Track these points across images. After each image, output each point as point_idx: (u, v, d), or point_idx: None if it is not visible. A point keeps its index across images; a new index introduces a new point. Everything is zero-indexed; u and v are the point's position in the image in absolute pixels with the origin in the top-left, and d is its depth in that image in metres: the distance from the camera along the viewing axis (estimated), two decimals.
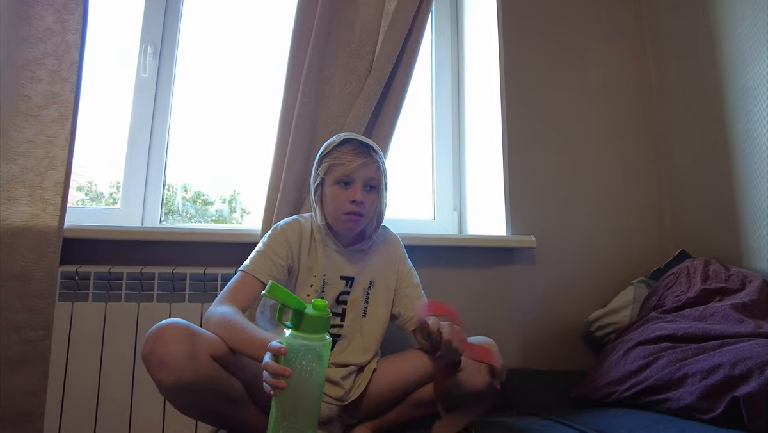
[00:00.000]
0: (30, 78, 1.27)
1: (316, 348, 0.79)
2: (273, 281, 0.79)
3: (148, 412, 1.23)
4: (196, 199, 1.68)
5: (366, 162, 1.07)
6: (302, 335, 0.78)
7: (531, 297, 1.62)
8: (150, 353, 0.82)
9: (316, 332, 0.79)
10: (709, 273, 1.38)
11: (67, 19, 1.30)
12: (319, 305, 0.80)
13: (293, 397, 0.78)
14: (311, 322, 0.79)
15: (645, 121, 1.84)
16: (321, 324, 0.80)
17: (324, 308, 0.80)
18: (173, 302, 1.29)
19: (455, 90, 1.87)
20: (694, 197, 1.68)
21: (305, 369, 0.78)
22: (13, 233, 1.21)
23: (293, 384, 0.77)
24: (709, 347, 1.07)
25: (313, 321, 0.79)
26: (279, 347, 0.77)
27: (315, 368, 0.79)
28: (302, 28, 1.43)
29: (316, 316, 0.79)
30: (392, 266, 1.20)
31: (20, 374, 1.18)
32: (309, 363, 0.78)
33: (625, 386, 1.15)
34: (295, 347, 0.78)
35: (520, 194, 1.63)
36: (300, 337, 0.78)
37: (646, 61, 1.88)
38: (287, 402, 0.78)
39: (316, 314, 0.79)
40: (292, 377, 0.77)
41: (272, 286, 0.78)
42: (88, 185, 1.61)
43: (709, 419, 0.94)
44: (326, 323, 0.81)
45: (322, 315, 0.80)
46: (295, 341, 0.78)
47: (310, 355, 0.78)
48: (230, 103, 1.70)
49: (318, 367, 0.79)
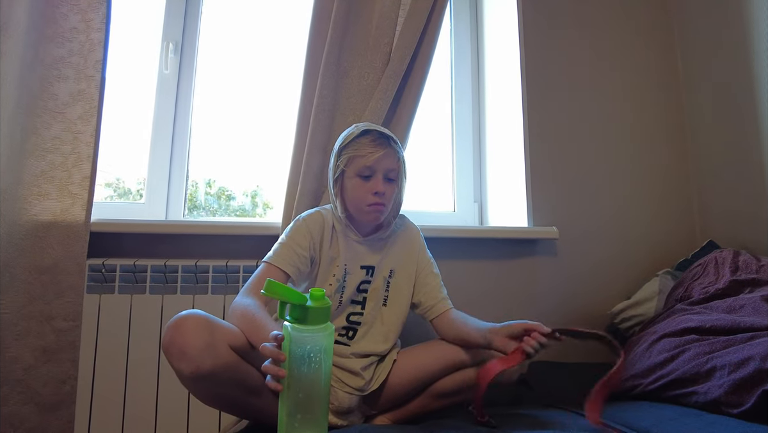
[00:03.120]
0: (57, 76, 1.31)
1: (320, 338, 0.79)
2: (270, 279, 0.79)
3: (174, 400, 1.26)
4: (220, 194, 1.70)
5: (387, 153, 1.07)
6: (306, 327, 0.78)
7: (553, 289, 1.60)
8: (170, 344, 0.84)
9: (319, 322, 0.79)
10: (738, 264, 1.34)
11: (91, 18, 1.34)
12: (317, 294, 0.80)
13: (304, 389, 0.78)
14: (314, 313, 0.79)
15: (673, 111, 1.79)
16: (323, 314, 0.80)
17: (322, 297, 0.80)
18: (196, 294, 1.31)
19: (475, 81, 1.85)
20: (723, 187, 1.62)
21: (314, 361, 0.78)
22: (45, 227, 1.26)
23: (303, 377, 0.77)
24: (738, 339, 1.04)
25: (315, 312, 0.79)
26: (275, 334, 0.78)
27: (322, 358, 0.79)
28: (320, 21, 1.43)
29: (317, 307, 0.79)
30: (412, 255, 1.21)
31: (53, 363, 1.22)
32: (316, 354, 0.78)
33: (650, 379, 1.12)
34: (300, 340, 0.78)
35: (541, 185, 1.61)
36: (304, 330, 0.78)
37: (674, 52, 1.82)
38: (298, 395, 0.78)
39: (318, 305, 0.79)
40: (301, 371, 0.77)
41: (270, 283, 0.78)
42: (116, 182, 1.65)
43: (738, 413, 0.91)
44: (327, 312, 0.81)
45: (323, 305, 0.79)
46: (299, 334, 0.78)
47: (317, 346, 0.79)
48: (251, 97, 1.72)
49: (325, 357, 0.79)
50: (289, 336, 0.78)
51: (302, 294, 0.80)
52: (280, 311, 0.82)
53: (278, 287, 0.78)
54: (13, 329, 1.20)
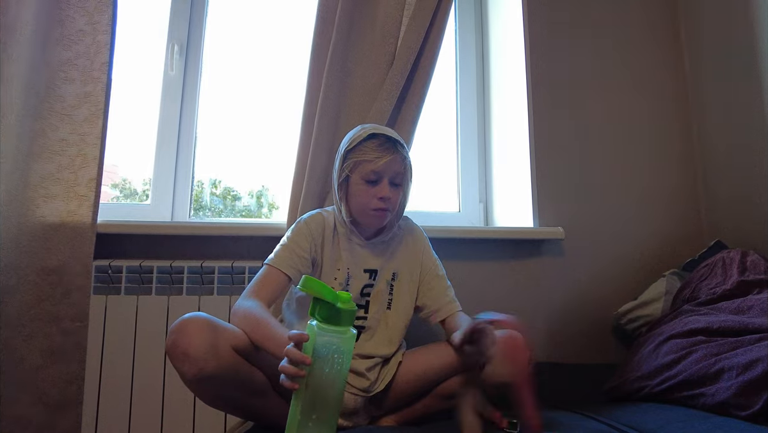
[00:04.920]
0: (64, 78, 1.32)
1: (346, 340, 0.79)
2: (307, 276, 0.80)
3: (180, 400, 1.26)
4: (225, 195, 1.71)
5: (393, 158, 1.07)
6: (332, 327, 0.78)
7: (559, 290, 1.59)
8: (173, 346, 0.84)
9: (347, 324, 0.80)
10: (746, 264, 1.32)
11: (97, 20, 1.34)
12: (345, 297, 0.80)
13: (323, 390, 0.78)
14: (343, 314, 0.79)
15: (680, 111, 1.77)
16: (349, 316, 0.80)
17: (350, 300, 0.81)
18: (202, 295, 1.32)
19: (480, 80, 1.84)
20: (731, 186, 1.61)
21: (336, 362, 0.79)
22: (52, 229, 1.26)
23: (324, 377, 0.78)
24: (746, 341, 1.03)
25: (345, 314, 0.79)
26: (300, 333, 0.77)
27: (344, 360, 0.79)
28: (324, 22, 1.43)
29: (346, 309, 0.79)
30: (416, 257, 1.20)
31: (60, 363, 1.23)
32: (340, 356, 0.79)
33: (656, 381, 1.11)
34: (327, 341, 0.78)
35: (547, 185, 1.60)
36: (329, 330, 0.78)
37: (681, 52, 1.81)
38: (317, 395, 0.78)
39: (346, 307, 0.79)
40: (322, 371, 0.77)
41: (307, 279, 0.79)
42: (123, 183, 1.66)
43: (747, 415, 0.91)
44: (353, 315, 0.81)
45: (351, 308, 0.80)
46: (325, 334, 0.78)
47: (342, 348, 0.79)
48: (256, 98, 1.73)
49: (345, 361, 0.80)
50: (315, 336, 0.78)
51: (336, 292, 0.80)
52: (311, 309, 0.82)
53: (314, 283, 0.79)
54: (22, 330, 1.21)
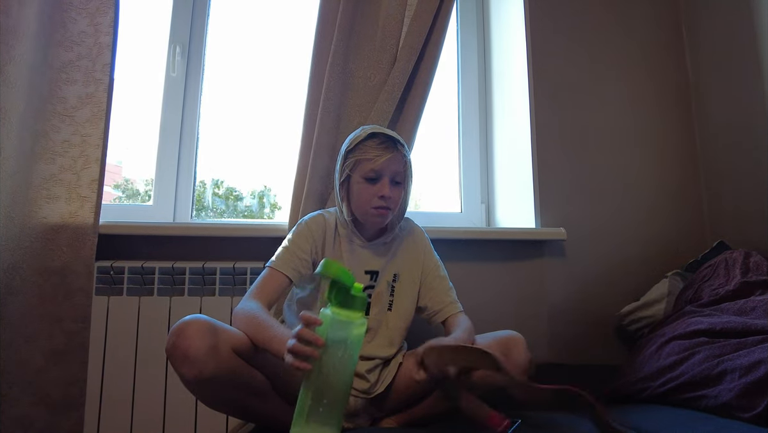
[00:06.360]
0: (66, 80, 1.32)
1: (358, 326, 0.81)
2: (328, 259, 0.81)
3: (182, 401, 1.26)
4: (227, 195, 1.71)
5: (393, 157, 1.07)
6: (347, 312, 0.80)
7: (561, 291, 1.58)
8: (173, 348, 0.85)
9: (360, 310, 0.82)
10: (749, 265, 1.32)
11: (99, 22, 1.35)
12: (358, 287, 0.82)
13: (335, 374, 0.79)
14: (358, 301, 0.81)
15: (683, 111, 1.77)
16: (363, 302, 0.82)
17: (361, 289, 0.82)
18: (204, 296, 1.32)
19: (481, 81, 1.84)
20: (734, 187, 1.60)
21: (349, 347, 0.80)
22: (54, 230, 1.27)
23: (337, 362, 0.79)
24: (749, 342, 1.03)
25: (359, 300, 0.81)
26: (313, 316, 0.79)
27: (356, 347, 0.81)
28: (325, 22, 1.44)
29: (361, 296, 0.81)
30: (417, 258, 1.20)
31: (63, 364, 1.23)
32: (352, 342, 0.80)
33: (659, 382, 1.11)
34: (341, 325, 0.80)
35: (549, 186, 1.60)
36: (344, 315, 0.80)
37: (683, 52, 1.80)
38: (329, 379, 0.79)
39: (360, 294, 0.81)
40: (336, 356, 0.78)
41: (327, 262, 0.80)
42: (125, 184, 1.66)
43: (749, 417, 0.90)
44: (366, 302, 0.84)
45: (363, 296, 0.82)
46: (341, 319, 0.80)
47: (354, 334, 0.81)
48: (258, 99, 1.73)
49: (356, 347, 0.82)
50: (329, 321, 0.80)
51: (353, 276, 0.81)
52: (328, 294, 0.83)
53: (333, 266, 0.80)
54: (24, 331, 1.22)
